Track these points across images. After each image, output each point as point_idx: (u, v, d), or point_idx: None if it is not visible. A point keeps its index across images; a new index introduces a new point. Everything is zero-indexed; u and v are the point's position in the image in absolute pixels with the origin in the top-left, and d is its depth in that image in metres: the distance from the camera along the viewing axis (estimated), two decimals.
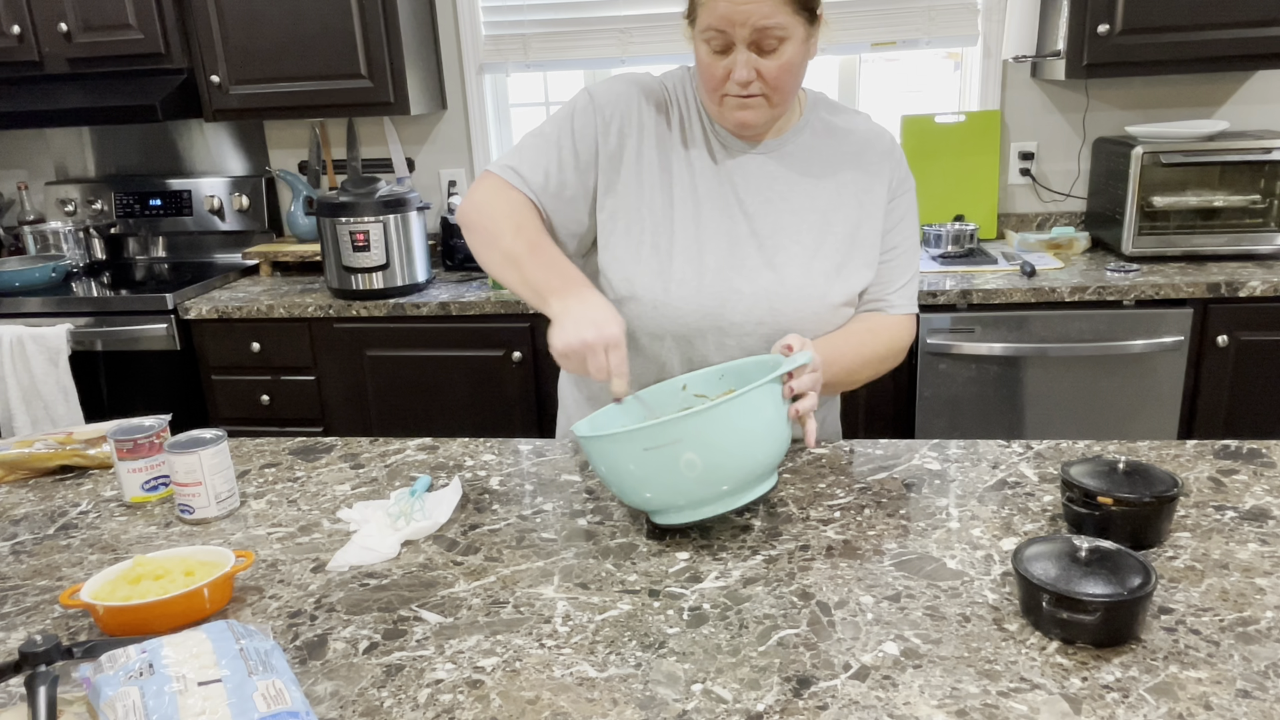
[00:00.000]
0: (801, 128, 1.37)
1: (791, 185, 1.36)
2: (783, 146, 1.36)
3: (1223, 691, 0.82)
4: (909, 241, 1.42)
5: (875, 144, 1.40)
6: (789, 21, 1.21)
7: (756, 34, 1.20)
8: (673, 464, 1.04)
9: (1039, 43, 2.75)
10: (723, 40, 1.21)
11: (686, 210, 1.34)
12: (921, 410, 2.49)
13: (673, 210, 1.34)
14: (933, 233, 2.75)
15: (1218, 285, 2.34)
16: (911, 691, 0.84)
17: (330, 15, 2.69)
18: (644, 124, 1.35)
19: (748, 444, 1.07)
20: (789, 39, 1.22)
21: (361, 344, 2.63)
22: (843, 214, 1.36)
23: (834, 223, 1.36)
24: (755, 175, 1.35)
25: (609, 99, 1.35)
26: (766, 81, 1.24)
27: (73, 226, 3.15)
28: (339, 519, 1.24)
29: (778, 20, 1.19)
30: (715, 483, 1.07)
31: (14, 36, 2.78)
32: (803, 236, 1.35)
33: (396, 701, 0.86)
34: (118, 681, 0.76)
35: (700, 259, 1.32)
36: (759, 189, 1.35)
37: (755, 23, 1.19)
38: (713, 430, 1.04)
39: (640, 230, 1.34)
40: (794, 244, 1.34)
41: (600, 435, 1.07)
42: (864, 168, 1.38)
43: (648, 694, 0.85)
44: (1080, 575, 0.89)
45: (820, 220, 1.36)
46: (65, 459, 1.43)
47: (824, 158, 1.37)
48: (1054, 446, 1.36)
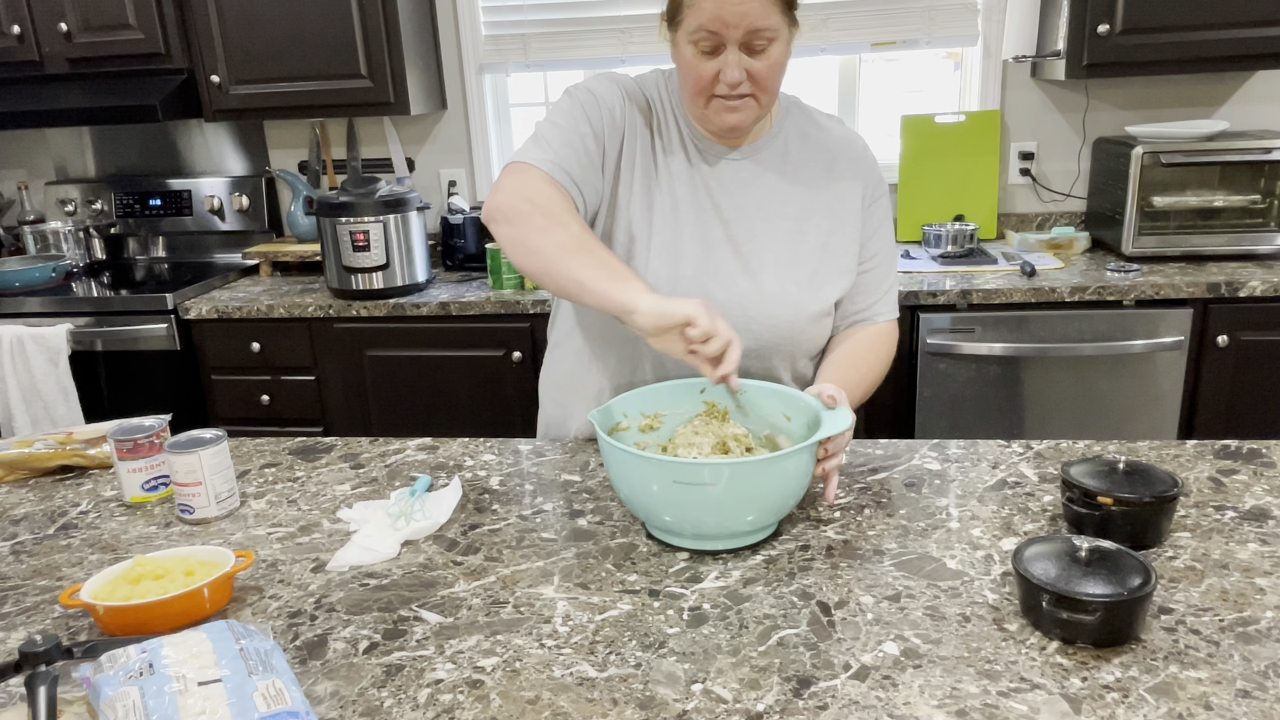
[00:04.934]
0: (776, 133, 1.37)
1: (767, 191, 1.36)
2: (758, 152, 1.36)
3: (1223, 691, 0.82)
4: (888, 247, 1.43)
5: (848, 150, 1.40)
6: (779, 22, 1.21)
7: (749, 35, 1.19)
8: (699, 498, 1.04)
9: (1039, 43, 2.75)
10: (713, 41, 1.21)
11: (665, 214, 1.33)
12: (921, 410, 2.49)
13: (652, 214, 1.34)
14: (933, 233, 2.75)
15: (1218, 285, 2.34)
16: (911, 691, 0.84)
17: (330, 15, 2.69)
18: (634, 125, 1.34)
19: (779, 495, 1.07)
20: (777, 39, 1.22)
21: (361, 344, 2.63)
22: (815, 222, 1.36)
23: (807, 231, 1.36)
24: (731, 181, 1.35)
25: (608, 97, 1.33)
26: (756, 82, 1.24)
27: (73, 226, 3.15)
28: (339, 519, 1.24)
29: (770, 21, 1.19)
30: (732, 523, 1.07)
31: (14, 36, 2.78)
32: (778, 244, 1.35)
33: (396, 701, 0.86)
34: (118, 681, 0.76)
35: (677, 264, 1.32)
36: (735, 194, 1.35)
37: (750, 24, 1.18)
38: (752, 478, 1.04)
39: (622, 231, 1.34)
40: (769, 252, 1.34)
41: (635, 454, 1.06)
42: (837, 174, 1.38)
43: (648, 694, 0.85)
44: (1080, 575, 0.89)
45: (794, 228, 1.36)
46: (65, 459, 1.43)
47: (798, 163, 1.37)
48: (1054, 446, 1.36)
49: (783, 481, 1.06)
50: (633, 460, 1.06)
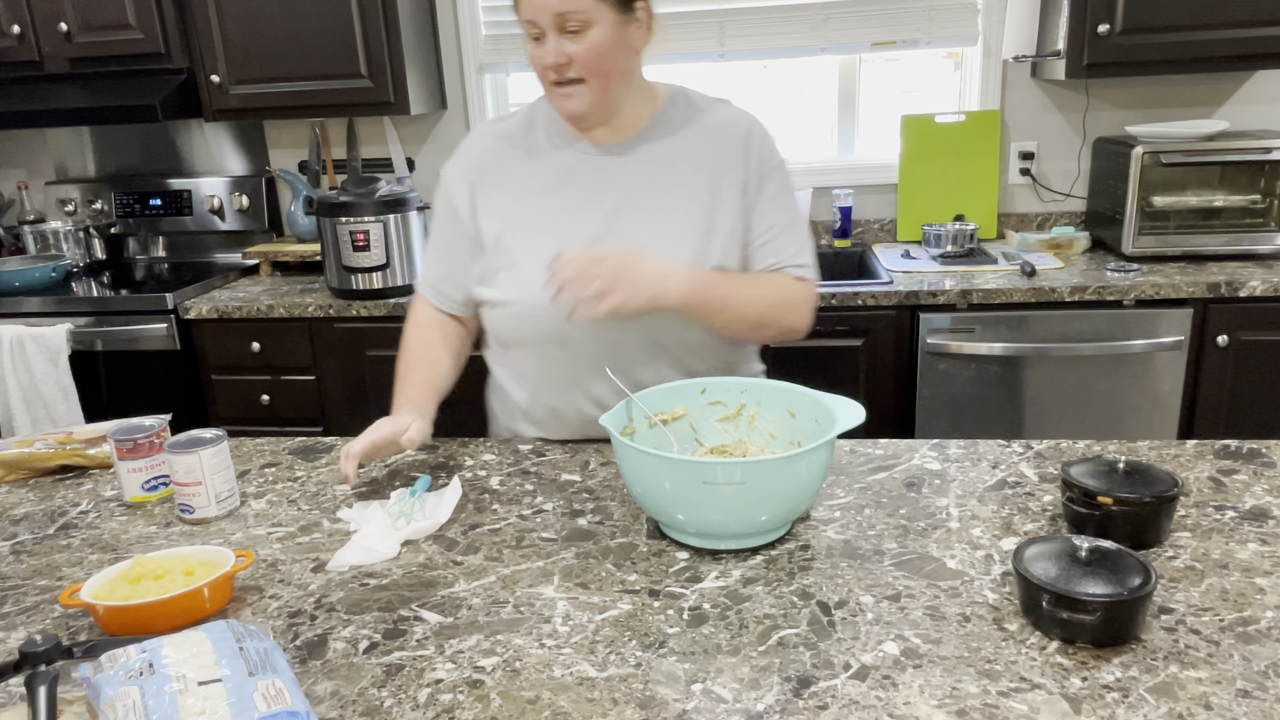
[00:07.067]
0: (658, 121, 1.40)
1: (648, 182, 1.39)
2: (638, 145, 1.40)
3: (1223, 691, 0.82)
4: (786, 218, 1.42)
5: (731, 129, 1.41)
6: (587, 6, 1.26)
7: (559, 19, 1.26)
8: (713, 497, 1.04)
9: (1039, 43, 2.75)
10: (536, 30, 1.29)
11: (542, 222, 1.39)
12: (921, 410, 2.49)
13: (528, 226, 1.39)
14: (933, 233, 2.75)
15: (1218, 285, 2.34)
16: (911, 691, 0.84)
17: (330, 15, 2.69)
18: (485, 168, 1.43)
19: (795, 494, 1.07)
20: (595, 23, 1.27)
21: (361, 344, 2.63)
22: (699, 203, 1.38)
23: (691, 213, 1.38)
24: (614, 178, 1.39)
25: (448, 189, 1.46)
26: (582, 66, 1.29)
27: (73, 226, 3.15)
28: (339, 519, 1.24)
29: (575, 5, 1.25)
30: (746, 523, 1.07)
31: (14, 36, 2.78)
32: (660, 230, 1.37)
33: (396, 701, 0.86)
34: (118, 681, 0.76)
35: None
36: (617, 191, 1.38)
37: (554, 8, 1.25)
38: (772, 476, 1.04)
39: (504, 250, 1.40)
40: (651, 238, 1.36)
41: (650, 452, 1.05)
42: (719, 154, 1.39)
43: (648, 694, 0.85)
44: (1080, 575, 0.89)
45: (677, 212, 1.38)
46: (65, 459, 1.43)
47: (680, 150, 1.40)
48: (1054, 446, 1.36)
49: (806, 475, 1.06)
50: (648, 459, 1.06)
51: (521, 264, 1.38)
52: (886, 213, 3.01)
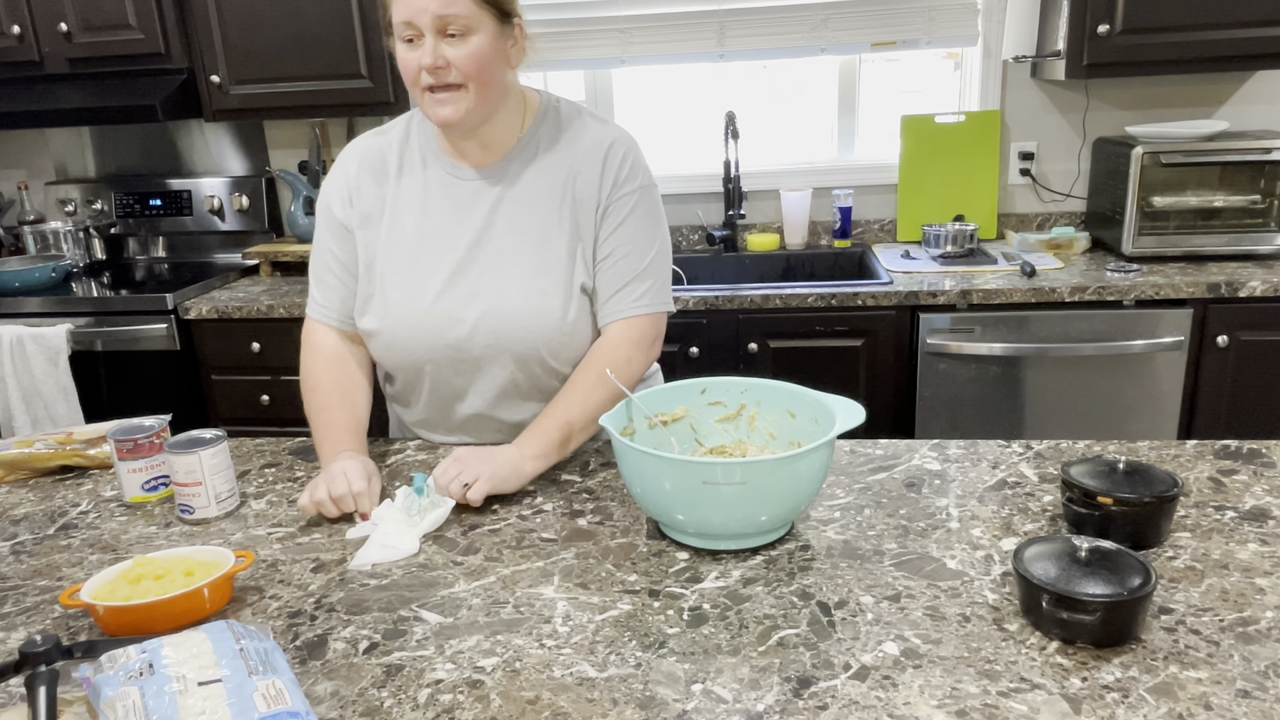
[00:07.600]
0: (527, 142, 1.40)
1: (515, 206, 1.38)
2: (508, 166, 1.39)
3: (1223, 691, 0.82)
4: (632, 241, 1.39)
5: (594, 150, 1.39)
6: (470, 11, 1.25)
7: (440, 21, 1.25)
8: (713, 497, 1.04)
9: (1039, 43, 2.75)
10: (412, 33, 1.27)
11: (410, 249, 1.38)
12: (921, 410, 2.49)
13: (396, 251, 1.39)
14: (933, 233, 2.75)
15: (1218, 285, 2.34)
16: (911, 691, 0.84)
17: (330, 15, 2.69)
18: (362, 185, 1.41)
19: (795, 494, 1.07)
20: (475, 30, 1.26)
21: None
22: (563, 227, 1.38)
23: (553, 238, 1.37)
24: (480, 201, 1.38)
25: (331, 190, 1.43)
26: (459, 70, 1.27)
27: (73, 226, 3.15)
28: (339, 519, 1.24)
29: (456, 10, 1.24)
30: (746, 523, 1.07)
31: (14, 36, 2.78)
32: (524, 255, 1.37)
33: (396, 701, 0.86)
34: (118, 681, 0.76)
35: (421, 294, 1.37)
36: (483, 214, 1.38)
37: (436, 10, 1.24)
38: (772, 476, 1.04)
39: (375, 275, 1.40)
40: (515, 264, 1.37)
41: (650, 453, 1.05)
42: (580, 176, 1.39)
43: (648, 694, 0.85)
44: (1080, 575, 0.89)
45: (540, 237, 1.37)
46: (65, 459, 1.43)
47: (546, 171, 1.39)
48: (1054, 446, 1.36)
49: (806, 474, 1.06)
50: (648, 460, 1.06)
51: (389, 292, 1.38)
52: (886, 213, 3.01)
